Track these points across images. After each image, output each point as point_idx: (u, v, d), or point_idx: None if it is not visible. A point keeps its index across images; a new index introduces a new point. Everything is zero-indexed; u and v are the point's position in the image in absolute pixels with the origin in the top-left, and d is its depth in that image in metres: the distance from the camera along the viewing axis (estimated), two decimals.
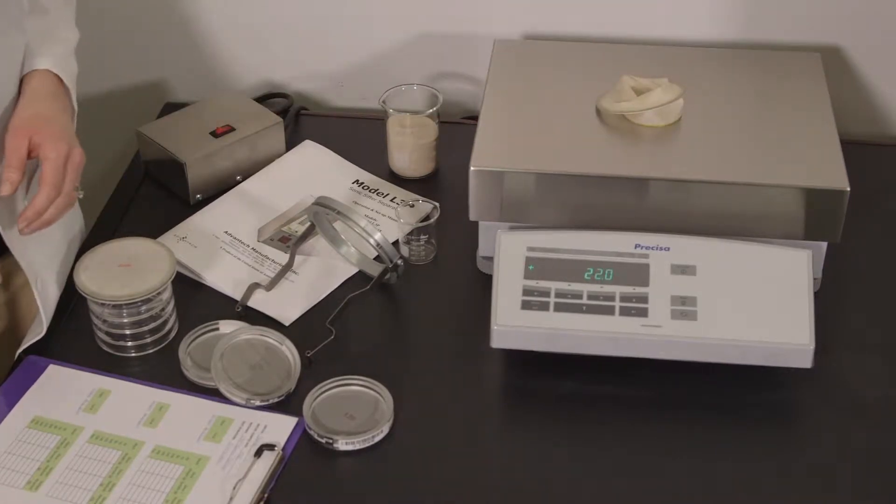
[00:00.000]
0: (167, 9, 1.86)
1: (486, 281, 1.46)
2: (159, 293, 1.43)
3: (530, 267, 1.42)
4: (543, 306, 1.40)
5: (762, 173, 1.44)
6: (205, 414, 1.38)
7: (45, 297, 1.45)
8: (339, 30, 1.85)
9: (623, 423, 1.38)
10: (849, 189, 1.41)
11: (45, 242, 1.46)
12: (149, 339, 1.46)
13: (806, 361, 1.37)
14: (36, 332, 1.45)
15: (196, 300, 1.53)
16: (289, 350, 1.43)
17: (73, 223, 1.56)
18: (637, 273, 1.41)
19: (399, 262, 1.51)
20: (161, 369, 1.44)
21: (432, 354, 1.46)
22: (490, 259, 1.50)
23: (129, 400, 1.39)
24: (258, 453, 1.33)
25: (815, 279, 1.47)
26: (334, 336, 1.46)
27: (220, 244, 1.60)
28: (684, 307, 1.39)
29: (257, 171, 1.71)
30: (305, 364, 1.43)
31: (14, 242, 1.41)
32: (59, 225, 1.43)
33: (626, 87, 1.52)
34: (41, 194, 1.34)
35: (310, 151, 1.76)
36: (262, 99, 1.85)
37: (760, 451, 1.34)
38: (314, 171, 1.72)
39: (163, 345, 1.47)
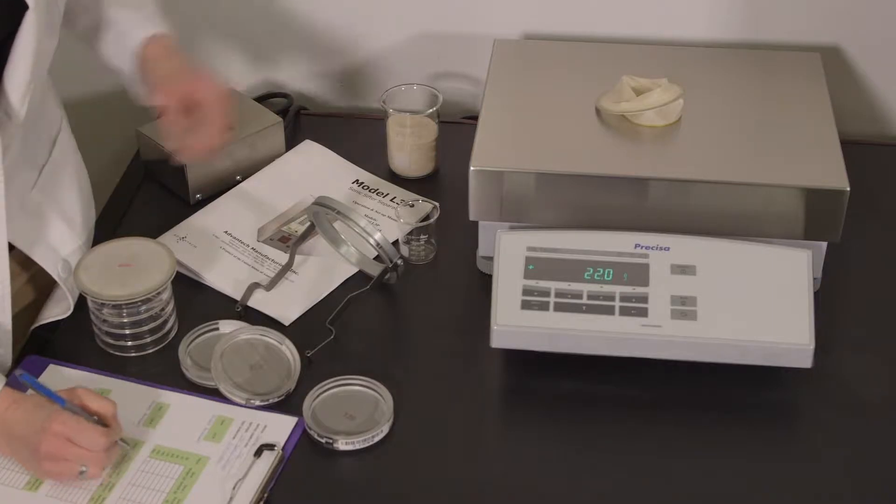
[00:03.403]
0: (167, 9, 1.86)
1: (486, 281, 1.46)
2: (159, 293, 1.43)
3: (530, 267, 1.42)
4: (543, 306, 1.40)
5: (762, 173, 1.44)
6: (205, 414, 1.38)
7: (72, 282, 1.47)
8: (339, 30, 1.85)
9: (623, 423, 1.38)
10: (849, 189, 1.41)
11: (73, 229, 1.50)
12: (149, 339, 1.46)
13: (806, 361, 1.37)
14: (63, 309, 1.47)
15: (196, 300, 1.53)
16: (289, 350, 1.43)
17: (90, 212, 1.58)
18: (637, 273, 1.41)
19: (399, 262, 1.51)
20: (161, 369, 1.44)
21: (432, 354, 1.46)
22: (490, 259, 1.50)
23: (129, 400, 1.39)
24: (258, 453, 1.33)
25: (815, 279, 1.47)
26: (334, 336, 1.46)
27: (220, 244, 1.60)
28: (684, 307, 1.39)
29: (257, 171, 1.71)
30: (305, 364, 1.43)
31: (20, 238, 1.42)
32: (80, 209, 1.52)
33: (626, 87, 1.52)
34: (209, 131, 1.46)
35: (310, 151, 1.76)
36: (262, 99, 1.84)
37: (760, 451, 1.34)
38: (314, 171, 1.72)
39: (163, 345, 1.47)
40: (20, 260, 1.46)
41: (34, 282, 1.50)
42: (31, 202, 1.44)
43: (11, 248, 1.43)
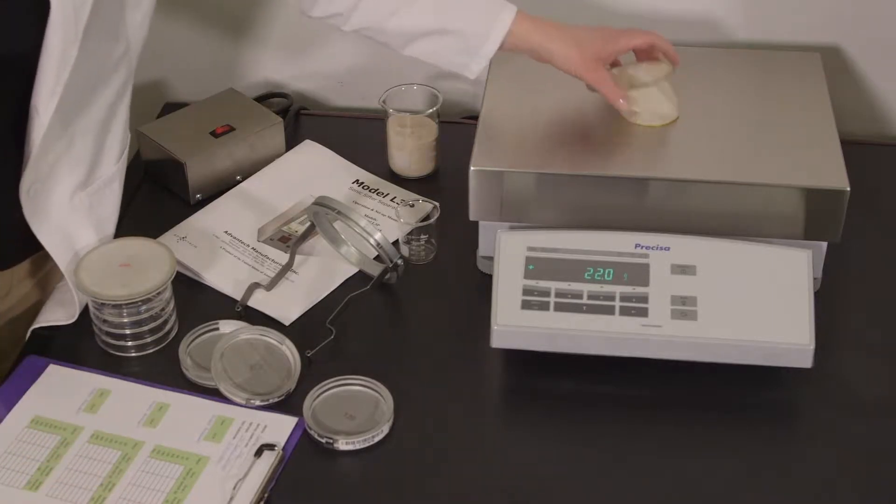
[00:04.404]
0: (167, 9, 1.86)
1: (486, 281, 1.46)
2: (159, 293, 1.43)
3: (530, 267, 1.42)
4: (543, 306, 1.40)
5: (762, 173, 1.44)
6: (205, 414, 1.38)
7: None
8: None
9: (623, 423, 1.38)
10: (849, 189, 1.41)
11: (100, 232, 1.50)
12: (149, 339, 1.46)
13: (806, 361, 1.37)
14: (68, 315, 1.46)
15: (196, 300, 1.53)
16: (289, 350, 1.43)
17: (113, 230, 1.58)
18: (637, 273, 1.41)
19: (399, 262, 1.51)
20: (161, 369, 1.44)
21: (432, 354, 1.46)
22: (490, 259, 1.50)
23: (129, 400, 1.39)
24: (258, 453, 1.33)
25: (815, 279, 1.47)
26: (334, 336, 1.46)
27: (220, 244, 1.60)
28: (684, 307, 1.39)
29: (257, 171, 1.71)
30: (305, 364, 1.43)
31: (43, 231, 1.42)
32: (112, 227, 1.51)
33: (624, 74, 1.52)
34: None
35: (310, 151, 1.76)
36: (262, 99, 1.85)
37: (760, 451, 1.34)
38: (314, 171, 1.72)
39: (163, 345, 1.47)
40: (32, 258, 1.46)
41: (41, 284, 1.50)
42: (75, 201, 1.44)
43: (34, 251, 1.44)
